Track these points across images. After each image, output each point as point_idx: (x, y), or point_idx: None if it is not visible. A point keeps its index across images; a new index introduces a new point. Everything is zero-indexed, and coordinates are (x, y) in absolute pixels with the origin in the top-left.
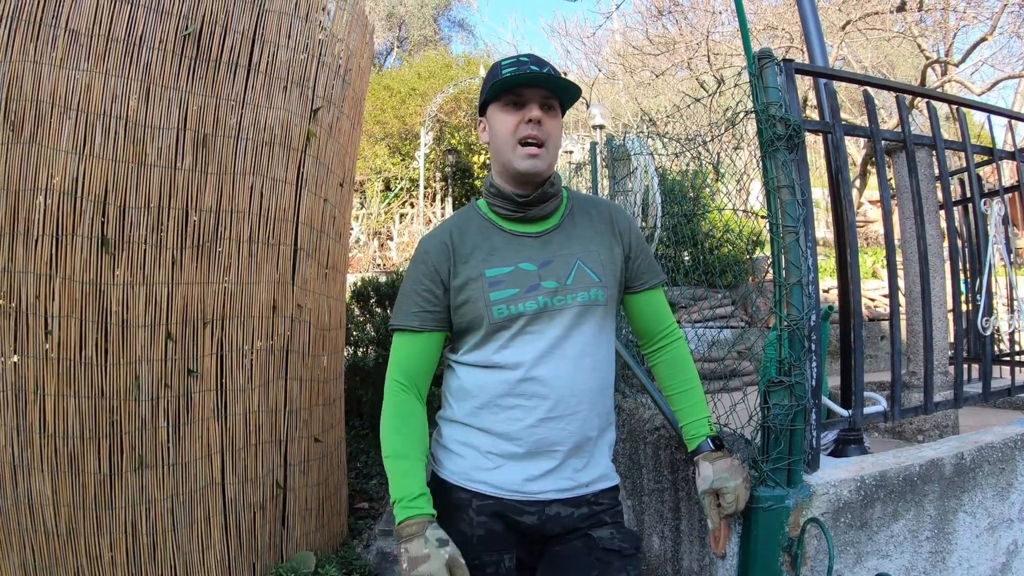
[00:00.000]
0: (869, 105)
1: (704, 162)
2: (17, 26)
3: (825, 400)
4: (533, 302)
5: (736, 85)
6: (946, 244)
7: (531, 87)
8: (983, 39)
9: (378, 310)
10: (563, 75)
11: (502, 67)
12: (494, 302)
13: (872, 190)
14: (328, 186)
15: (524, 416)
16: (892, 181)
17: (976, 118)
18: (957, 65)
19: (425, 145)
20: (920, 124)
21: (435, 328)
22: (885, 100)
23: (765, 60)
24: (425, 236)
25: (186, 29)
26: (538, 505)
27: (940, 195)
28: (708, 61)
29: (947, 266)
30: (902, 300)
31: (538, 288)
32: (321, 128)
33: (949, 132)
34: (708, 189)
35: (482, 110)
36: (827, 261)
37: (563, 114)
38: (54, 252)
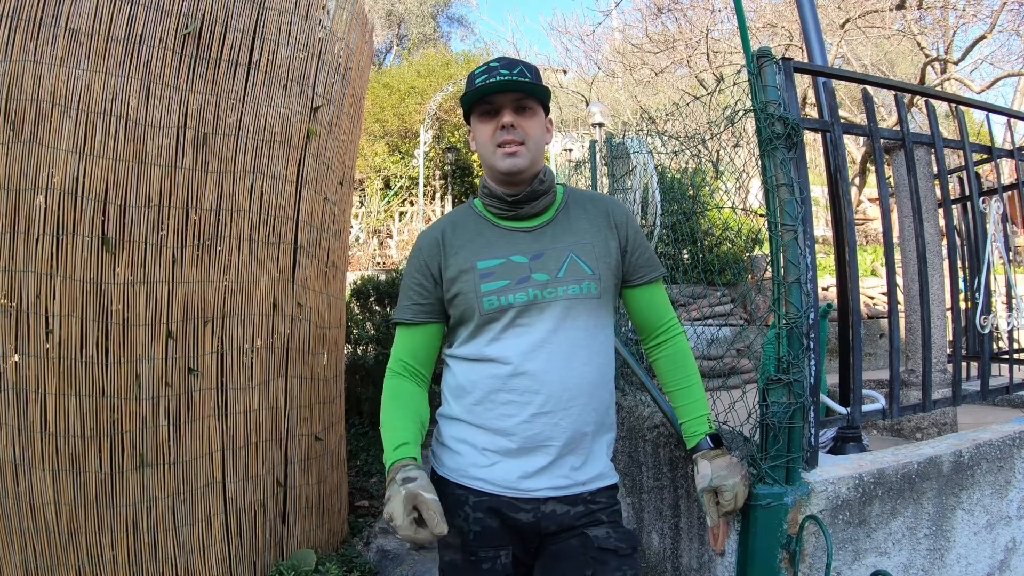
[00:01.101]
0: (868, 104)
1: (703, 160)
2: (17, 25)
3: (824, 398)
4: (523, 294)
5: (735, 84)
6: (945, 242)
7: (501, 93)
8: (982, 37)
9: (378, 308)
10: (536, 69)
11: (475, 76)
12: (484, 293)
13: (872, 188)
14: (328, 184)
15: (517, 412)
16: (891, 179)
17: (975, 116)
18: (956, 63)
19: (424, 143)
20: (920, 122)
21: (428, 320)
22: (885, 98)
23: (764, 59)
24: (421, 232)
25: (186, 28)
26: (534, 503)
27: (939, 193)
28: (708, 59)
29: (946, 264)
30: (901, 298)
31: (528, 280)
32: (321, 126)
33: (948, 130)
34: (707, 187)
35: (467, 119)
36: (827, 259)
37: (546, 110)
38: (55, 251)
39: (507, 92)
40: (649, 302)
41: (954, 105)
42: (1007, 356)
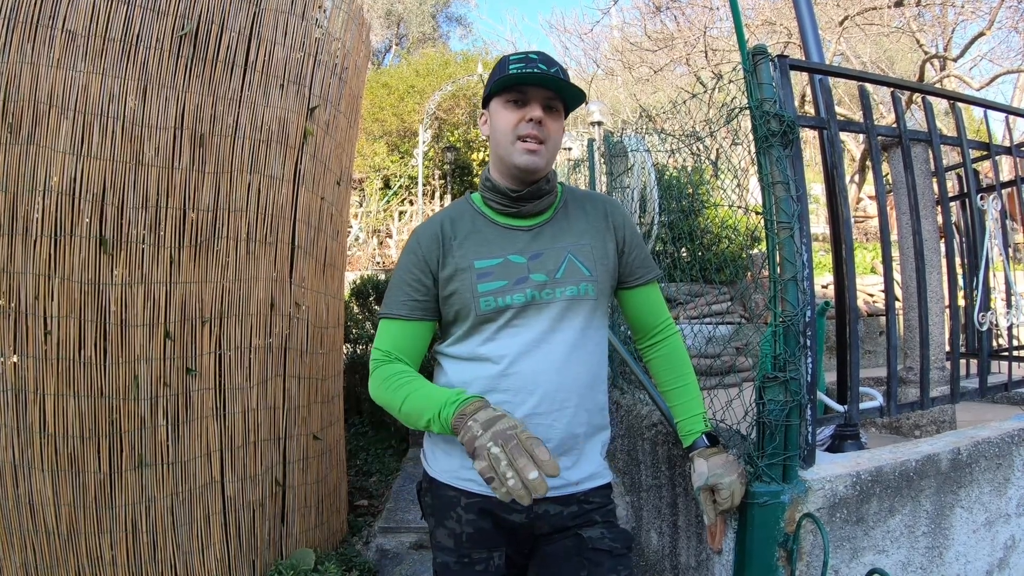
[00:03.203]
0: (864, 100)
1: (701, 158)
2: (14, 26)
3: (821, 395)
4: (521, 295)
5: (731, 82)
6: (943, 239)
7: (535, 86)
8: (981, 34)
9: (377, 308)
10: (568, 73)
11: (510, 62)
12: (482, 294)
13: (872, 185)
14: (325, 184)
15: (510, 412)
16: (889, 177)
17: (975, 113)
18: (955, 60)
19: (424, 143)
20: (918, 120)
21: (422, 317)
22: (884, 96)
23: (759, 56)
24: (418, 227)
25: (183, 28)
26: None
27: (937, 190)
28: (706, 57)
29: (944, 261)
30: (900, 295)
31: (526, 281)
32: (318, 126)
33: (948, 127)
34: (705, 185)
35: (485, 103)
36: (826, 257)
37: (566, 116)
38: (53, 252)
39: (542, 87)
40: (645, 303)
41: (952, 102)
42: (1006, 353)
